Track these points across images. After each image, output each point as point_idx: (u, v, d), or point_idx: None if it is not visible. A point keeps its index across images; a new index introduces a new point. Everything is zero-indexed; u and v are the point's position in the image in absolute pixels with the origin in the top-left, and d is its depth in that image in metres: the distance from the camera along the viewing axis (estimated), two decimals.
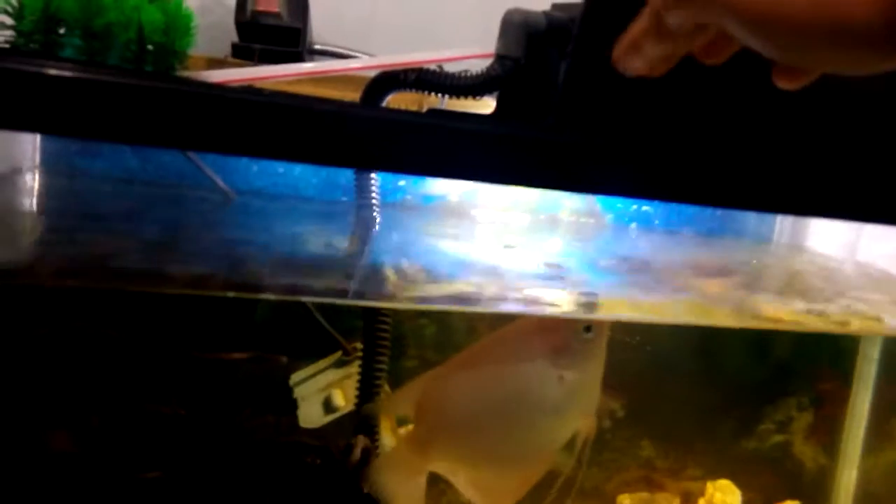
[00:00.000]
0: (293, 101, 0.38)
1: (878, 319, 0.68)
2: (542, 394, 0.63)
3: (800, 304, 0.69)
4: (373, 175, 0.68)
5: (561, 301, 0.67)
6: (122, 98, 0.34)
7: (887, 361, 0.98)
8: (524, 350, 0.64)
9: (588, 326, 0.62)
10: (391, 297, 0.60)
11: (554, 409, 0.64)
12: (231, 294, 0.47)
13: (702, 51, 0.39)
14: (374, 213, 0.68)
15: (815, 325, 0.68)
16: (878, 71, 0.29)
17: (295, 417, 0.61)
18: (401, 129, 0.40)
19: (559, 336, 0.63)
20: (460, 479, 0.66)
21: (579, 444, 0.65)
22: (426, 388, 0.64)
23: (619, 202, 1.01)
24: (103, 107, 0.34)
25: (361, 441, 0.54)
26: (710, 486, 0.96)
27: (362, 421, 0.62)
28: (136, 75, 0.40)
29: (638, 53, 0.39)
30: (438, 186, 0.93)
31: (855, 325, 0.70)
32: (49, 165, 0.81)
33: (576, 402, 0.64)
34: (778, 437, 1.01)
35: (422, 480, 0.64)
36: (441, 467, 0.64)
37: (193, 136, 0.36)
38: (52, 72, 0.33)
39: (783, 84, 0.36)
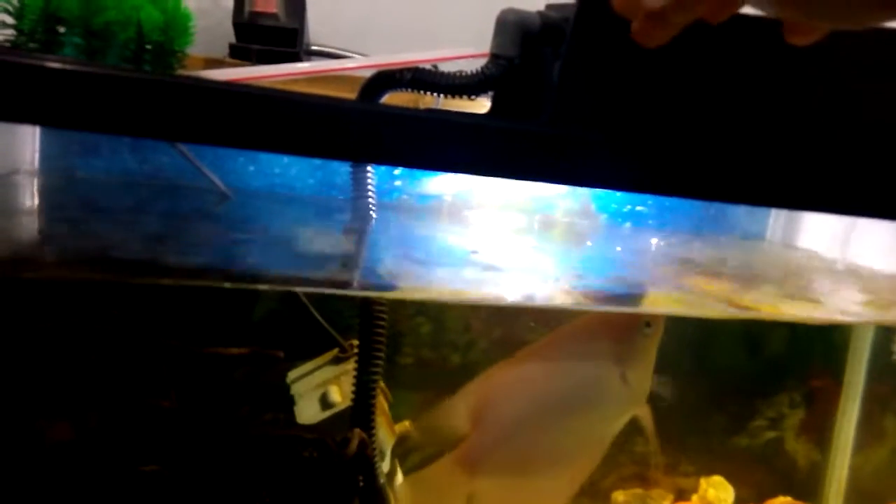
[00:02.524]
0: (293, 95, 0.39)
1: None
2: (606, 390, 0.64)
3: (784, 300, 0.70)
4: (369, 172, 0.69)
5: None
6: (126, 91, 0.35)
7: (877, 358, 0.99)
8: (590, 349, 0.64)
9: (648, 322, 0.63)
10: (394, 292, 0.61)
11: (615, 403, 0.65)
12: (227, 285, 0.48)
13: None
14: (371, 210, 0.69)
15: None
16: (875, 24, 0.30)
17: (291, 413, 0.62)
18: (398, 123, 0.41)
19: (623, 334, 0.63)
20: (498, 496, 0.65)
21: (649, 429, 0.66)
22: (484, 394, 0.64)
23: (613, 203, 1.02)
24: (106, 99, 0.35)
25: (357, 434, 0.55)
26: (703, 483, 0.97)
27: (356, 419, 0.62)
28: (138, 71, 0.41)
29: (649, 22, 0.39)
30: (434, 186, 0.94)
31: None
32: (48, 167, 0.82)
33: (633, 395, 0.65)
34: (770, 434, 1.01)
35: (463, 501, 0.63)
36: (483, 486, 0.64)
37: (195, 129, 0.37)
38: (53, 65, 0.34)
39: (793, 40, 0.37)
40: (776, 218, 1.06)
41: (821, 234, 1.01)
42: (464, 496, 0.64)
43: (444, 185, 0.94)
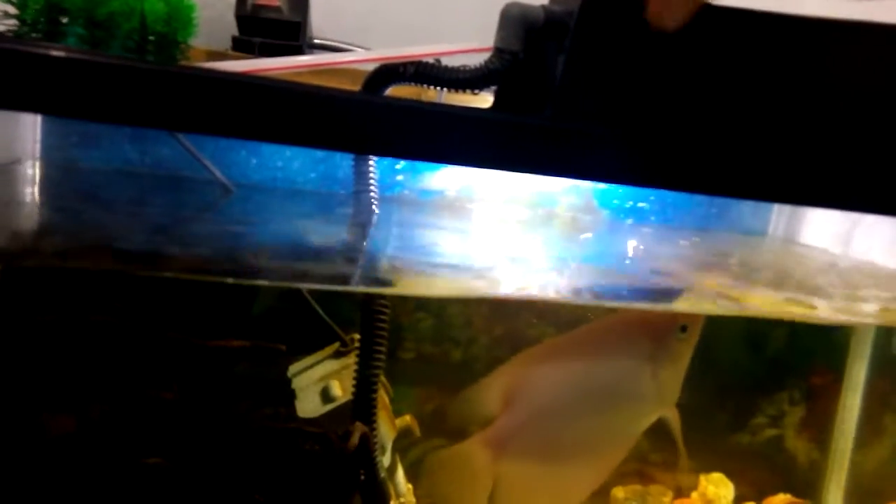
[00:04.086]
0: (298, 86, 0.39)
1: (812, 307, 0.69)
2: (636, 387, 0.65)
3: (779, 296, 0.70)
4: (371, 165, 0.69)
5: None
6: (130, 81, 0.35)
7: (878, 357, 0.99)
8: (624, 343, 0.65)
9: (684, 327, 0.64)
10: (398, 286, 0.61)
11: (643, 401, 0.65)
12: (230, 280, 0.48)
13: None
14: (373, 205, 0.69)
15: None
16: None
17: (293, 406, 0.62)
18: (404, 115, 0.41)
19: (659, 333, 0.64)
20: (523, 480, 0.65)
21: (676, 433, 0.67)
22: (516, 378, 0.65)
23: (614, 199, 1.01)
24: (109, 89, 0.35)
25: (359, 428, 0.55)
26: (703, 480, 0.97)
27: (357, 413, 0.62)
28: (141, 61, 0.41)
29: (668, 8, 0.39)
30: (436, 180, 0.93)
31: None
32: (49, 157, 0.82)
33: (662, 396, 0.65)
34: (770, 431, 1.01)
35: (489, 483, 0.64)
36: (509, 468, 0.64)
37: (201, 119, 0.36)
38: (57, 54, 0.34)
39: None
40: (779, 214, 1.06)
41: (823, 230, 1.01)
42: (489, 477, 0.64)
43: (446, 179, 0.94)
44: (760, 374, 1.00)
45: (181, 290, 0.70)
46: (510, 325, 0.91)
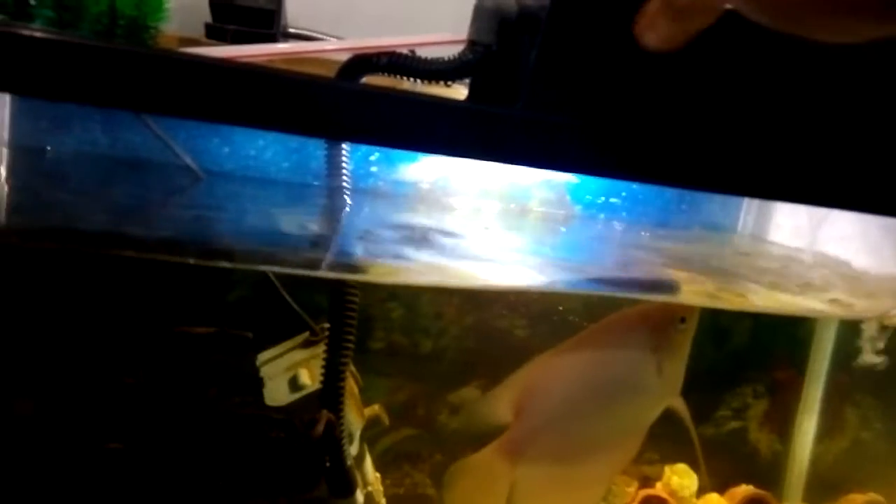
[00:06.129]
0: (275, 70, 0.39)
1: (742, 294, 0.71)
2: (643, 381, 0.66)
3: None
4: (344, 157, 0.69)
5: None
6: (103, 62, 0.35)
7: (840, 351, 1.01)
8: (627, 340, 0.67)
9: (683, 318, 0.65)
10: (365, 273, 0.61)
11: (651, 394, 0.67)
12: (191, 260, 0.48)
13: None
14: (346, 195, 0.69)
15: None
16: (872, 37, 0.30)
17: (259, 394, 0.62)
18: (379, 102, 0.42)
19: (660, 326, 0.65)
20: (540, 484, 0.67)
21: (686, 420, 0.68)
22: (528, 385, 0.66)
23: (587, 194, 1.02)
24: (82, 70, 0.35)
25: (325, 415, 0.55)
26: (667, 470, 0.98)
27: (324, 401, 0.62)
28: (118, 42, 0.41)
29: (653, 30, 0.40)
30: (411, 173, 0.93)
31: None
32: (19, 142, 0.80)
33: (669, 387, 0.67)
34: (734, 424, 1.03)
35: (507, 490, 0.65)
36: (526, 474, 0.65)
37: (174, 102, 0.36)
38: (27, 34, 0.33)
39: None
40: (747, 211, 1.08)
41: (791, 227, 1.03)
42: (507, 484, 0.66)
43: (420, 171, 0.94)
44: (725, 367, 1.02)
45: (150, 275, 0.69)
46: (480, 316, 0.92)
